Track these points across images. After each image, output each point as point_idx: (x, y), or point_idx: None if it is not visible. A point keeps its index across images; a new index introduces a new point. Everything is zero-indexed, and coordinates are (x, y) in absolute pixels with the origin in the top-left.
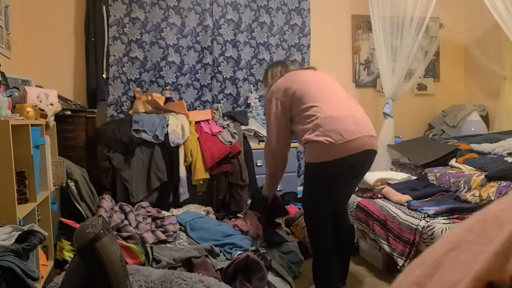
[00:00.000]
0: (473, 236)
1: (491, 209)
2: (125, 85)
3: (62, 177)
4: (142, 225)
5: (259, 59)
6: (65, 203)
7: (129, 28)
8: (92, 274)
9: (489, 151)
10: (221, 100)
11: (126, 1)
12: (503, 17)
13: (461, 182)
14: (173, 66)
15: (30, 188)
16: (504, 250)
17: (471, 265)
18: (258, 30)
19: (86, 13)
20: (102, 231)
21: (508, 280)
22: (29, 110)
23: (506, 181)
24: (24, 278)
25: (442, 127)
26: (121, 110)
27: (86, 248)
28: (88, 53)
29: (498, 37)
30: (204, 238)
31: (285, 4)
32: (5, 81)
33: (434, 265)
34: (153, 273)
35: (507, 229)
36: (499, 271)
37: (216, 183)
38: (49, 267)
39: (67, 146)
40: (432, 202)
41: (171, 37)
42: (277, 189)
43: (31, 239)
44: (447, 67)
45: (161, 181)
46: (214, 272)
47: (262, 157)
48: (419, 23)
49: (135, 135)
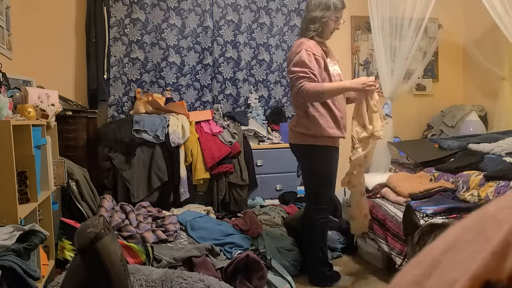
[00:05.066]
0: (470, 235)
1: (488, 208)
2: (126, 85)
3: (63, 177)
4: (142, 224)
5: (259, 60)
6: (66, 203)
7: (129, 29)
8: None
9: (488, 151)
10: (221, 100)
11: (127, 2)
12: (502, 17)
13: (459, 181)
14: (173, 67)
15: (31, 188)
16: (502, 249)
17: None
18: (258, 31)
19: (87, 14)
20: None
21: (505, 279)
22: (30, 110)
23: (505, 180)
24: (25, 278)
25: (441, 127)
26: (122, 110)
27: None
28: (89, 53)
29: (496, 38)
30: (205, 237)
31: (284, 5)
32: (6, 81)
33: (432, 264)
34: (154, 272)
35: (504, 228)
36: (497, 270)
37: (216, 183)
38: (50, 266)
39: (68, 146)
40: (431, 201)
41: (172, 38)
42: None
43: (32, 238)
44: (446, 67)
45: (161, 181)
46: (214, 271)
47: (262, 157)
48: (418, 24)
49: (136, 135)
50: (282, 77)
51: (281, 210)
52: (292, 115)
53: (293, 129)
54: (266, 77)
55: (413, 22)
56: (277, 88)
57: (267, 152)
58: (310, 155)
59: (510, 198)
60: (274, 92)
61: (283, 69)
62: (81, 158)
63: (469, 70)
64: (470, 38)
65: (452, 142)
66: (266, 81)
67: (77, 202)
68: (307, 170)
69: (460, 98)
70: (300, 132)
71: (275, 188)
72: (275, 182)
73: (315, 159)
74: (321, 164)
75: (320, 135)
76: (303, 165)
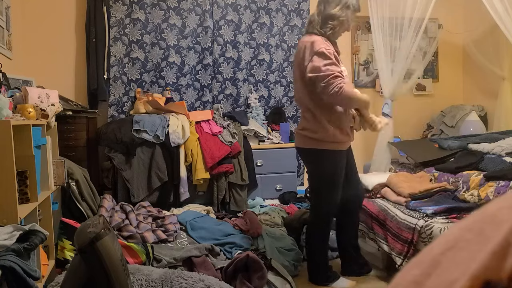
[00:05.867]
0: (470, 235)
1: (488, 208)
2: (126, 85)
3: (63, 177)
4: (142, 224)
5: (259, 60)
6: (66, 203)
7: (130, 29)
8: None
9: (488, 151)
10: (221, 100)
11: (127, 2)
12: (502, 17)
13: (459, 181)
14: (173, 67)
15: (31, 188)
16: (502, 249)
17: (468, 264)
18: (258, 31)
19: (87, 14)
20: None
21: (505, 279)
22: (30, 110)
23: (505, 180)
24: (25, 278)
25: (441, 127)
26: (122, 110)
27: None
28: (89, 53)
29: (496, 38)
30: (205, 237)
31: (284, 5)
32: (6, 81)
33: (432, 264)
34: (154, 272)
35: (504, 228)
36: (496, 270)
37: (216, 183)
38: (50, 266)
39: (68, 146)
40: (431, 201)
41: (172, 38)
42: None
43: (32, 238)
44: (446, 67)
45: (161, 181)
46: (214, 271)
47: (262, 157)
48: (418, 24)
49: (136, 135)
50: (282, 77)
51: (281, 210)
52: (292, 115)
53: (299, 133)
54: (266, 77)
55: (413, 22)
56: (277, 88)
57: (267, 152)
58: (316, 159)
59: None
60: (274, 92)
61: (283, 69)
62: (81, 158)
63: (469, 70)
64: (470, 38)
65: (452, 142)
66: (266, 81)
67: (77, 202)
68: (313, 173)
69: (460, 98)
70: (306, 136)
71: (275, 188)
72: (275, 182)
73: (321, 162)
74: (327, 168)
75: (327, 140)
76: (309, 168)
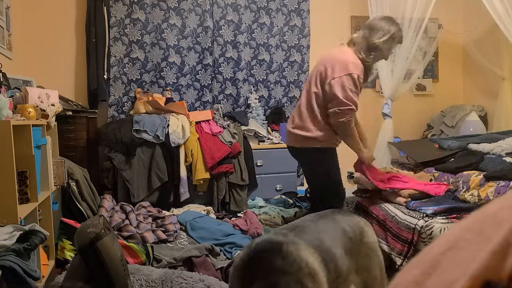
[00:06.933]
0: (470, 235)
1: (488, 208)
2: (126, 85)
3: (63, 177)
4: (142, 224)
5: (259, 60)
6: (66, 203)
7: (130, 29)
8: (93, 273)
9: (488, 151)
10: (221, 100)
11: (127, 2)
12: (502, 17)
13: (459, 181)
14: (173, 67)
15: (31, 188)
16: (502, 249)
17: (468, 264)
18: (258, 31)
19: (87, 14)
20: (103, 231)
21: (505, 279)
22: (30, 110)
23: (505, 180)
24: (25, 278)
25: (441, 127)
26: (122, 110)
27: (87, 248)
28: (89, 54)
29: (496, 38)
30: (205, 237)
31: (284, 5)
32: (6, 81)
33: (432, 264)
34: (154, 272)
35: (504, 228)
36: (496, 270)
37: (216, 183)
38: (50, 266)
39: (68, 146)
40: (431, 201)
41: (172, 38)
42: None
43: (32, 238)
44: (446, 67)
45: (161, 181)
46: (214, 271)
47: (262, 157)
48: (418, 24)
49: (136, 135)
50: (282, 77)
51: (281, 210)
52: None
53: (293, 132)
54: (266, 77)
55: (413, 22)
56: (277, 88)
57: (267, 152)
58: (314, 158)
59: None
60: (274, 92)
61: (283, 69)
62: (81, 158)
63: (469, 70)
64: (470, 38)
65: (452, 142)
66: (266, 81)
67: (77, 202)
68: (314, 173)
69: (460, 98)
70: (300, 135)
71: (275, 188)
72: (275, 182)
73: (321, 161)
74: (329, 165)
75: (325, 140)
76: (307, 168)
